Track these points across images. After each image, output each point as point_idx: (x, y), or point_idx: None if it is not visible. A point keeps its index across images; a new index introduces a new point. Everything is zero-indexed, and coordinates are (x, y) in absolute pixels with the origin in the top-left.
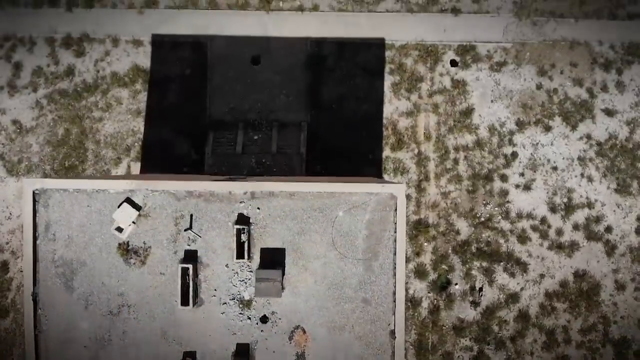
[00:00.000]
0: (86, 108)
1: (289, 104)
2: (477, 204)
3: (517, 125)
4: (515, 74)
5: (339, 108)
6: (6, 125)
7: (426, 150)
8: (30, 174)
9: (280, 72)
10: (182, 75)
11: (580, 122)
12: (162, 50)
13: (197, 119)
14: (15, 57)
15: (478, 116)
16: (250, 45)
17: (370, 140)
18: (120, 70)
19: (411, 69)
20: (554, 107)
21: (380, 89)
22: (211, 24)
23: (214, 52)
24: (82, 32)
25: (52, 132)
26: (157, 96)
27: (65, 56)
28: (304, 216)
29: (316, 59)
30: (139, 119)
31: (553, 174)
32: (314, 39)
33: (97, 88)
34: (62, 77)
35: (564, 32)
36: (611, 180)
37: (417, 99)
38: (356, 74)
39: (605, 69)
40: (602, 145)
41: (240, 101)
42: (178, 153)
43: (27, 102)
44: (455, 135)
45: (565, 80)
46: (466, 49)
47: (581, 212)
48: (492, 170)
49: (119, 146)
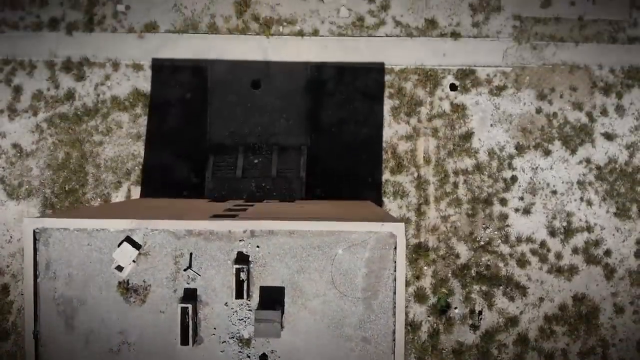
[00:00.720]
0: (86, 132)
1: (289, 128)
2: (476, 227)
3: (517, 149)
4: (515, 98)
5: (339, 131)
6: (6, 149)
7: (426, 174)
8: (30, 197)
9: (280, 96)
10: (183, 99)
11: (579, 146)
12: (163, 74)
13: (197, 142)
14: (15, 80)
15: (478, 140)
16: (251, 70)
17: (370, 164)
18: (120, 94)
19: (411, 93)
20: (554, 131)
21: (379, 113)
22: (211, 49)
23: (214, 76)
24: (82, 56)
25: (53, 156)
26: (158, 120)
27: (65, 80)
28: (303, 254)
29: (316, 83)
30: (139, 143)
31: (552, 198)
32: (314, 63)
33: (97, 112)
34: (62, 101)
35: (564, 56)
36: (610, 204)
37: (416, 122)
38: (356, 97)
39: (605, 92)
40: (601, 169)
41: (241, 125)
42: (178, 177)
43: (27, 126)
44: (455, 159)
45: (565, 104)
46: (466, 73)
47: (580, 235)
48: (492, 194)
49: (119, 170)
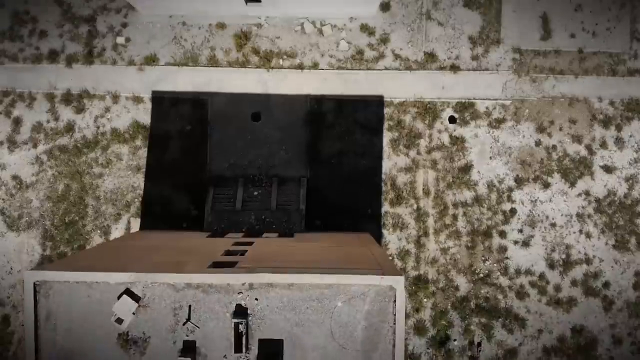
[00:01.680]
0: (86, 164)
1: (289, 160)
2: (476, 260)
3: (516, 182)
4: (514, 131)
5: (339, 163)
6: (6, 181)
7: (425, 206)
8: (30, 229)
9: (280, 128)
10: (183, 132)
11: (579, 178)
12: (163, 106)
13: (197, 174)
14: (15, 112)
15: (477, 172)
16: (251, 102)
17: (369, 195)
18: (120, 127)
19: (410, 125)
20: (553, 163)
21: (379, 145)
22: (212, 81)
23: (214, 108)
24: (82, 89)
25: (52, 188)
26: (157, 152)
27: (65, 112)
28: (302, 307)
29: (316, 116)
30: (139, 175)
31: (552, 231)
32: (314, 96)
33: (97, 144)
34: (62, 133)
35: (564, 88)
36: (609, 237)
37: (415, 155)
38: (355, 130)
39: (605, 125)
40: (600, 201)
41: (241, 157)
42: (178, 209)
43: (27, 158)
44: (454, 192)
45: (564, 137)
46: (465, 105)
47: (579, 268)
48: (491, 226)
49: (119, 202)
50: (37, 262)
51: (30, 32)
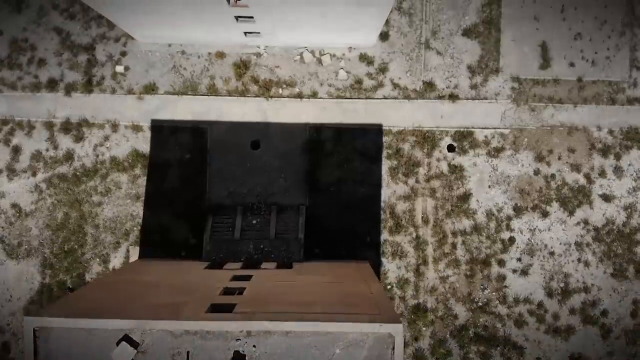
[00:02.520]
0: (85, 192)
1: (288, 188)
2: (475, 288)
3: (515, 211)
4: (513, 160)
5: (337, 191)
6: (6, 209)
7: (424, 234)
8: (29, 257)
9: (279, 156)
10: (182, 160)
11: (577, 207)
12: (162, 135)
13: (196, 203)
14: (14, 140)
15: (476, 201)
16: (250, 130)
17: (368, 223)
18: (119, 155)
19: (409, 153)
20: (552, 192)
21: (378, 173)
22: (211, 110)
23: (213, 137)
24: (81, 117)
25: (52, 216)
26: (157, 181)
27: (64, 141)
28: (300, 354)
29: (315, 144)
30: (138, 204)
31: (550, 259)
32: (313, 124)
33: (96, 173)
34: (61, 162)
35: (562, 117)
36: (608, 265)
37: (414, 183)
38: (354, 158)
39: (604, 154)
40: (599, 230)
41: (240, 185)
42: (176, 237)
43: (26, 186)
44: (453, 220)
45: (563, 165)
46: (463, 134)
47: (578, 296)
48: (490, 255)
49: (118, 230)
50: (36, 290)
51: (29, 60)
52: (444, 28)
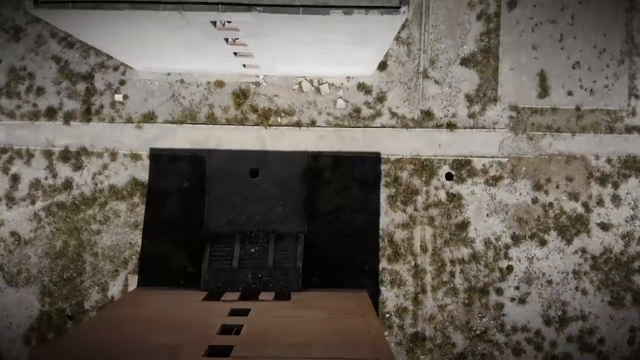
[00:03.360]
0: (84, 221)
1: (287, 216)
2: (473, 316)
3: (513, 239)
4: (511, 188)
5: (336, 219)
6: (5, 237)
7: (423, 263)
8: (29, 284)
9: (278, 184)
10: (180, 188)
11: (575, 236)
12: (161, 163)
13: (194, 231)
14: (12, 169)
15: (474, 230)
16: (249, 159)
17: (366, 252)
18: (118, 184)
19: (407, 182)
20: (550, 221)
21: (376, 201)
22: (210, 138)
23: (212, 165)
24: (80, 146)
25: (51, 244)
26: (155, 209)
27: (63, 169)
28: None
29: (313, 172)
30: (136, 232)
31: (548, 287)
32: (312, 152)
33: (95, 201)
34: (60, 190)
35: (561, 146)
36: (605, 293)
37: (413, 211)
38: (353, 186)
39: (602, 182)
40: (597, 259)
41: (238, 213)
42: (175, 266)
43: (25, 214)
44: (452, 248)
45: (561, 194)
46: (462, 163)
47: (575, 324)
48: (488, 283)
49: (116, 259)
50: (36, 317)
51: (28, 88)
52: (442, 57)
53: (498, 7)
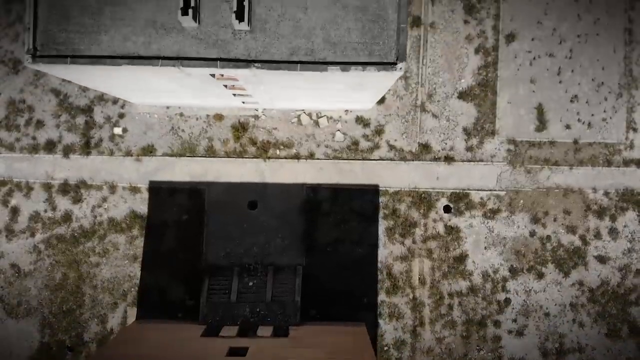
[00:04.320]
0: (83, 253)
1: (285, 248)
2: (471, 349)
3: (511, 272)
4: (509, 222)
5: (334, 251)
6: (5, 269)
7: (421, 296)
8: (29, 316)
9: (276, 216)
10: (179, 221)
11: (573, 269)
12: (160, 196)
13: (192, 264)
14: (12, 201)
15: (472, 262)
16: (248, 191)
17: (365, 284)
18: (117, 216)
19: (405, 214)
20: (547, 254)
21: (374, 233)
22: (209, 171)
23: (211, 197)
24: (79, 179)
25: (50, 277)
26: (154, 242)
27: (62, 202)
28: None
29: (312, 204)
30: (135, 265)
31: (545, 320)
32: (310, 184)
33: (94, 234)
34: (59, 223)
35: (558, 179)
36: (602, 325)
37: (411, 244)
38: (351, 218)
39: (599, 216)
40: (594, 291)
41: (236, 245)
42: (173, 298)
43: (25, 247)
44: (450, 281)
45: (559, 227)
46: (459, 196)
47: (572, 356)
48: (486, 316)
49: (115, 291)
50: (36, 348)
51: (27, 121)
52: (440, 91)
53: (496, 41)
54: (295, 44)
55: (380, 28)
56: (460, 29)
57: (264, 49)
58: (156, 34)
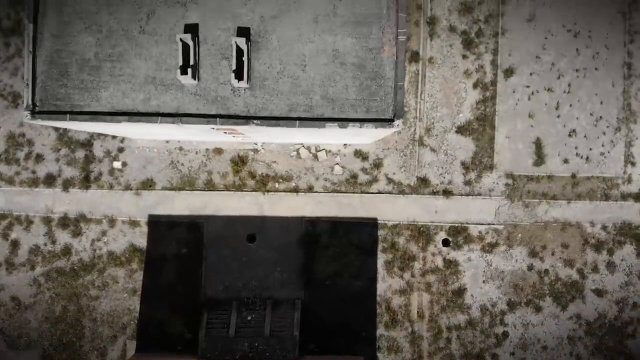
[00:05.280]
0: (83, 286)
1: (284, 281)
2: None
3: (509, 306)
4: (507, 255)
5: (333, 285)
6: (5, 302)
7: (419, 329)
8: (29, 349)
9: (275, 249)
10: (178, 255)
11: (570, 302)
12: (159, 230)
13: (191, 297)
14: (12, 235)
15: (470, 296)
16: (247, 224)
17: (363, 318)
18: (116, 250)
19: (404, 248)
20: (545, 287)
21: (373, 267)
22: (208, 205)
23: (210, 231)
24: (78, 213)
25: (50, 309)
26: (153, 275)
27: (62, 236)
28: None
29: (311, 237)
30: (134, 298)
31: (543, 353)
32: (309, 218)
33: (93, 267)
34: (59, 256)
35: (556, 213)
36: (599, 358)
37: (410, 277)
38: (350, 251)
39: (597, 249)
40: (591, 324)
41: (235, 279)
42: (173, 332)
43: (25, 280)
44: (448, 315)
45: (557, 261)
46: (458, 230)
47: None
48: (484, 349)
49: (115, 324)
50: None
51: (27, 155)
52: (438, 125)
53: (494, 76)
54: (294, 100)
55: (378, 85)
56: (459, 63)
57: (263, 105)
58: (155, 90)
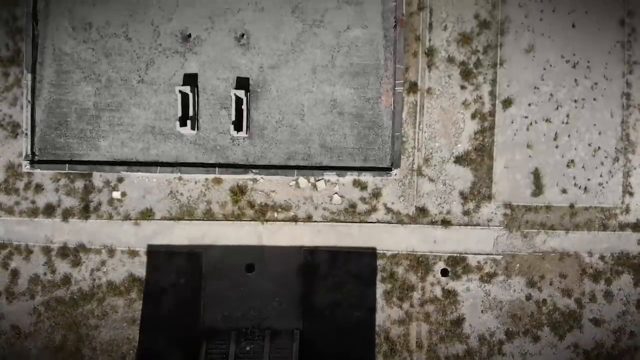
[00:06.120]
0: (82, 316)
1: (282, 311)
2: None
3: (507, 335)
4: (505, 285)
5: (332, 315)
6: (6, 330)
7: (418, 359)
8: None
9: (274, 279)
10: (177, 285)
11: (568, 331)
12: (158, 260)
13: (190, 327)
14: (12, 264)
15: (469, 326)
16: (245, 254)
17: (362, 348)
18: (116, 280)
19: (402, 277)
20: (543, 317)
21: (372, 297)
22: (207, 234)
23: (208, 261)
24: (78, 243)
25: (50, 338)
26: (152, 305)
27: (61, 265)
28: None
29: (309, 267)
30: (134, 327)
31: None
32: (308, 247)
33: (93, 296)
34: (58, 286)
35: (554, 243)
36: None
37: (408, 307)
38: (349, 281)
39: (594, 279)
40: (589, 353)
41: (234, 309)
42: None
43: (24, 309)
44: (447, 345)
45: (555, 291)
46: (457, 260)
47: None
48: None
49: (114, 353)
50: None
51: (26, 185)
52: (437, 155)
53: (493, 106)
54: (292, 149)
55: (375, 134)
56: (457, 94)
57: (261, 154)
58: (154, 139)
